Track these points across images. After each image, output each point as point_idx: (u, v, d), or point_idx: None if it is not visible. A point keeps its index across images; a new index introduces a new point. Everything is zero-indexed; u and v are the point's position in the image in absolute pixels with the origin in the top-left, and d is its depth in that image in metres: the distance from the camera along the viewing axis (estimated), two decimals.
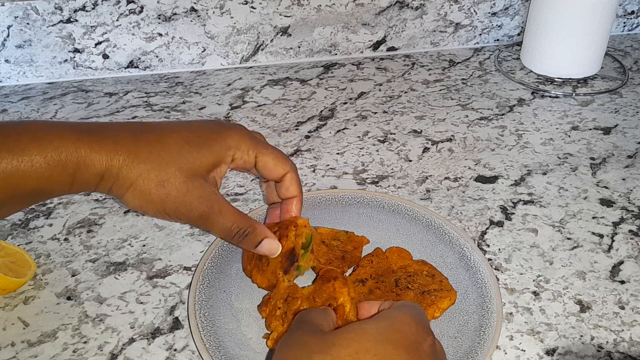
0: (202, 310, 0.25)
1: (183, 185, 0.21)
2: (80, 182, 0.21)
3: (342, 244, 0.29)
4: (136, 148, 0.21)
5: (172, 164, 0.21)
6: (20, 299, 0.27)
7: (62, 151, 0.20)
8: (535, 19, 0.46)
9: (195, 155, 0.22)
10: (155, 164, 0.21)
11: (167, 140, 0.22)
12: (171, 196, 0.21)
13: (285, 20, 0.47)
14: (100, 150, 0.20)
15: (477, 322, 0.25)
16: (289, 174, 0.25)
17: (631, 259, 0.30)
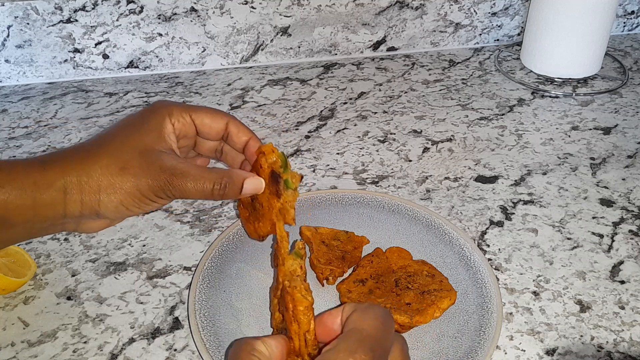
0: (202, 310, 0.25)
1: (143, 162, 0.21)
2: (43, 203, 0.20)
3: (342, 244, 0.29)
4: (85, 152, 0.21)
5: (124, 149, 0.21)
6: (20, 299, 0.27)
7: (17, 177, 0.20)
8: (535, 19, 0.46)
9: (140, 132, 0.22)
10: (109, 156, 0.21)
11: (108, 136, 0.22)
12: (139, 176, 0.21)
13: (285, 20, 0.47)
14: (53, 167, 0.20)
15: (477, 322, 0.25)
16: (231, 122, 0.24)
17: (631, 259, 0.30)
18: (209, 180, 0.21)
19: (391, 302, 0.25)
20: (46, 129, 0.41)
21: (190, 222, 0.32)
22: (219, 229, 0.31)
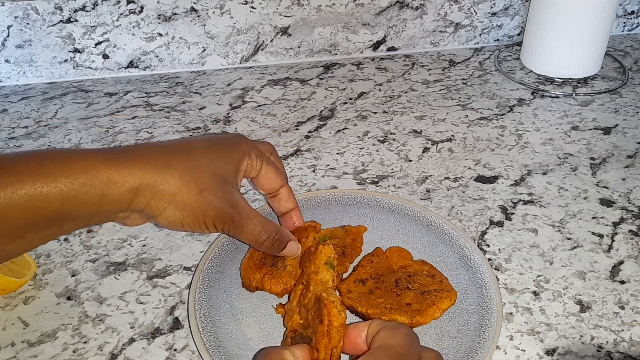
0: (202, 310, 0.25)
1: (220, 191, 0.22)
2: (110, 200, 0.19)
3: (341, 239, 0.28)
4: (167, 160, 0.21)
5: (207, 172, 0.22)
6: (20, 299, 0.27)
7: (89, 171, 0.19)
8: (535, 19, 0.46)
9: (222, 162, 0.22)
10: (191, 173, 0.21)
11: (195, 150, 0.22)
12: (211, 203, 0.21)
13: (285, 20, 0.47)
14: (131, 166, 0.20)
15: (477, 322, 0.25)
16: (285, 187, 0.26)
17: (631, 259, 0.30)
18: (265, 232, 0.23)
19: (391, 303, 0.25)
20: (46, 129, 0.41)
21: None
22: None
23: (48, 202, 0.19)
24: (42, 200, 0.18)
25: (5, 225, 0.18)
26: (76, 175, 0.19)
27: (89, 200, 0.19)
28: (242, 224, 0.23)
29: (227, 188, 0.22)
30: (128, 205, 0.20)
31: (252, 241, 0.24)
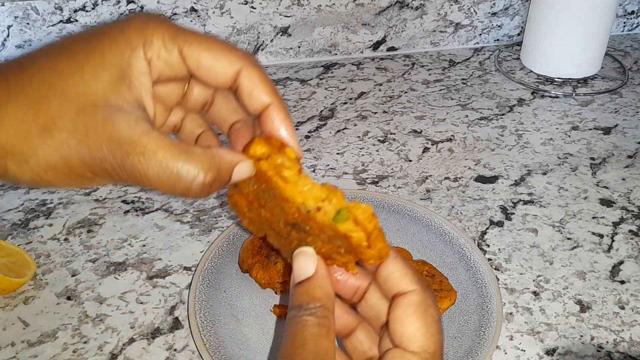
0: (202, 310, 0.25)
1: (79, 123, 0.13)
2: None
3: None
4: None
5: (52, 96, 0.13)
6: (20, 299, 0.27)
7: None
8: (535, 19, 0.46)
9: (84, 73, 0.13)
10: (26, 104, 0.13)
11: (39, 64, 0.13)
12: (69, 145, 0.13)
13: (285, 20, 0.47)
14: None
15: (477, 322, 0.25)
16: (245, 70, 0.14)
17: (631, 259, 0.30)
18: (187, 173, 0.13)
19: None
20: None
21: (190, 222, 0.32)
22: (219, 229, 0.31)
23: None
24: None
25: None
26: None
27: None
28: (137, 169, 0.13)
29: (98, 115, 0.13)
30: None
31: (167, 190, 0.14)
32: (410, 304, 0.15)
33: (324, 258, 0.16)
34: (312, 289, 0.15)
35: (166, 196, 0.34)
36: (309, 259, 0.15)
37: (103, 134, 0.13)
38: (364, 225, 0.15)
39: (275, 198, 0.15)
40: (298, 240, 0.16)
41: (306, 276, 0.15)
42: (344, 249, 0.15)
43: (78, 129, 0.13)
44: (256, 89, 0.15)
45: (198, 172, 0.14)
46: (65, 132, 0.13)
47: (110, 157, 0.13)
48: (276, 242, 0.17)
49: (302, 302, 0.15)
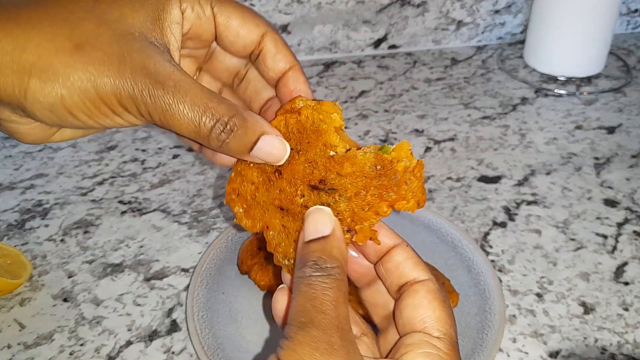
0: (201, 313, 0.25)
1: (117, 47, 0.12)
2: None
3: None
4: (27, 10, 0.12)
5: (91, 19, 0.12)
6: (17, 300, 0.27)
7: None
8: (538, 17, 0.45)
9: (121, 7, 0.13)
10: (61, 23, 0.12)
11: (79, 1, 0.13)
12: (104, 66, 0.12)
13: (285, 17, 0.47)
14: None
15: (479, 324, 0.25)
16: (269, 34, 0.15)
17: (635, 260, 0.29)
18: (212, 110, 0.13)
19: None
20: None
21: (188, 223, 0.32)
22: (217, 230, 0.31)
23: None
24: None
25: None
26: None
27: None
28: (167, 100, 0.13)
29: (136, 44, 0.13)
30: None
31: (190, 130, 0.13)
32: (431, 290, 0.15)
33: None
34: (329, 248, 0.14)
35: (164, 195, 0.34)
36: (326, 216, 0.14)
37: (138, 61, 0.13)
38: (409, 158, 0.14)
39: (306, 150, 0.14)
40: None
41: (321, 234, 0.14)
42: (372, 202, 0.14)
43: (113, 51, 0.13)
44: (280, 53, 0.16)
45: (225, 115, 0.13)
46: (101, 52, 0.13)
47: (143, 85, 0.13)
48: (279, 228, 0.15)
49: (319, 259, 0.13)
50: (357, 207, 0.15)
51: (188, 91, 0.13)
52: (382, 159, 0.14)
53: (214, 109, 0.13)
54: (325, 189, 0.14)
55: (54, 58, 0.12)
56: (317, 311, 0.13)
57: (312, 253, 0.14)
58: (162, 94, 0.13)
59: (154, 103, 0.13)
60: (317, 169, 0.14)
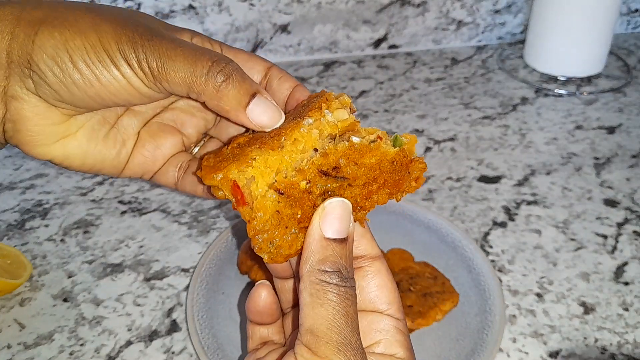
0: (201, 313, 0.25)
1: (122, 12, 0.15)
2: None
3: None
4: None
5: (106, 12, 0.15)
6: (16, 300, 0.27)
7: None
8: (538, 17, 0.45)
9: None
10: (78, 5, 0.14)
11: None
12: (106, 19, 0.14)
13: (284, 17, 0.47)
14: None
15: (479, 324, 0.25)
16: (274, 67, 0.17)
17: (635, 260, 0.29)
18: (210, 53, 0.14)
19: None
20: None
21: (188, 223, 0.32)
22: (217, 230, 0.31)
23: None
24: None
25: None
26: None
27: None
28: (163, 46, 0.14)
29: (141, 17, 0.15)
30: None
31: (188, 72, 0.14)
32: (388, 269, 0.16)
33: None
34: (348, 254, 0.14)
35: (164, 195, 0.34)
36: (348, 215, 0.14)
37: (140, 22, 0.15)
38: (412, 153, 0.15)
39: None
40: (323, 199, 0.14)
41: (341, 236, 0.14)
42: (376, 192, 0.15)
43: (118, 13, 0.15)
44: (284, 76, 0.17)
45: (223, 59, 0.14)
46: (106, 12, 0.15)
47: (142, 32, 0.14)
48: (270, 212, 0.14)
49: (342, 268, 0.14)
50: (361, 196, 0.15)
51: (187, 42, 0.15)
52: (404, 156, 0.15)
53: (211, 52, 0.14)
54: (334, 176, 0.14)
55: (67, 13, 0.14)
56: (346, 323, 0.13)
57: (335, 257, 0.14)
58: (160, 39, 0.14)
59: (152, 48, 0.14)
60: (334, 155, 0.14)
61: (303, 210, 0.14)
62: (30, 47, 0.14)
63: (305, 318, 0.13)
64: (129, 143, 0.17)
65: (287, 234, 0.15)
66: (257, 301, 0.16)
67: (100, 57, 0.14)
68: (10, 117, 0.15)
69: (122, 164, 0.17)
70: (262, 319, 0.17)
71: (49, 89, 0.15)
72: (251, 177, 0.14)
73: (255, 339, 0.17)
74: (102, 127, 0.17)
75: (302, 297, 0.14)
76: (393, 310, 0.15)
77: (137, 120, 0.17)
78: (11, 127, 0.15)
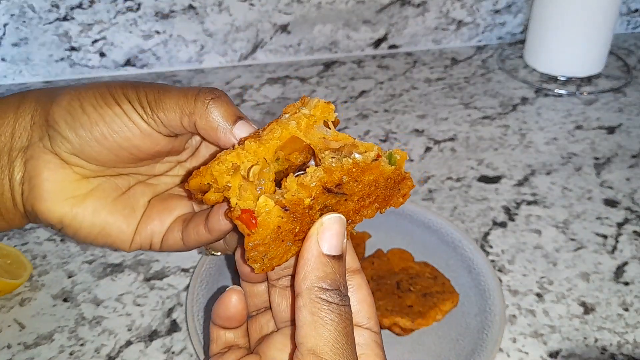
0: (201, 313, 0.25)
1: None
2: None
3: None
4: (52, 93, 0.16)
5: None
6: (17, 300, 0.27)
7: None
8: (538, 17, 0.45)
9: None
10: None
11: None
12: (113, 83, 0.16)
13: (284, 17, 0.47)
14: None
15: (479, 324, 0.25)
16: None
17: (635, 260, 0.29)
18: (197, 88, 0.16)
19: (392, 305, 0.25)
20: None
21: None
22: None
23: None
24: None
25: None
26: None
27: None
28: (160, 88, 0.16)
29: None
30: (14, 121, 0.16)
31: (179, 101, 0.16)
32: (367, 284, 0.16)
33: None
34: (343, 271, 0.14)
35: None
36: (343, 231, 0.15)
37: (137, 85, 0.17)
38: (404, 160, 0.15)
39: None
40: (321, 214, 0.15)
41: (337, 253, 0.14)
42: (367, 206, 0.15)
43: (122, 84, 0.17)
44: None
45: (204, 89, 0.16)
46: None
47: (139, 85, 0.16)
48: (272, 227, 0.14)
49: (340, 286, 0.14)
50: (353, 211, 0.15)
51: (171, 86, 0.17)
52: (398, 174, 0.15)
53: (194, 87, 0.16)
54: (335, 192, 0.15)
55: (74, 88, 0.16)
56: (348, 342, 0.13)
57: (334, 274, 0.14)
58: (155, 86, 0.16)
59: (150, 86, 0.16)
60: (339, 172, 0.14)
61: (301, 225, 0.15)
62: (49, 106, 0.16)
63: (307, 338, 0.13)
64: (138, 210, 0.18)
65: (282, 246, 0.15)
66: (227, 306, 0.17)
67: (106, 100, 0.16)
68: (28, 176, 0.16)
69: (131, 228, 0.17)
70: (229, 323, 0.17)
71: (61, 139, 0.16)
72: (231, 165, 0.14)
73: (219, 343, 0.17)
74: (113, 192, 0.17)
75: (302, 315, 0.14)
76: (372, 324, 0.16)
77: (149, 190, 0.18)
78: (27, 187, 0.16)
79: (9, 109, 0.16)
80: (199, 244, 0.18)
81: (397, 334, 0.24)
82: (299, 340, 0.14)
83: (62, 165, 0.16)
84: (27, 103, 0.16)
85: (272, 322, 0.17)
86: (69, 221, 0.16)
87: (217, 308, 0.17)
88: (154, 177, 0.18)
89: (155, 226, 0.18)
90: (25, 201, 0.16)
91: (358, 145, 0.15)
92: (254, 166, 0.14)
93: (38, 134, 0.16)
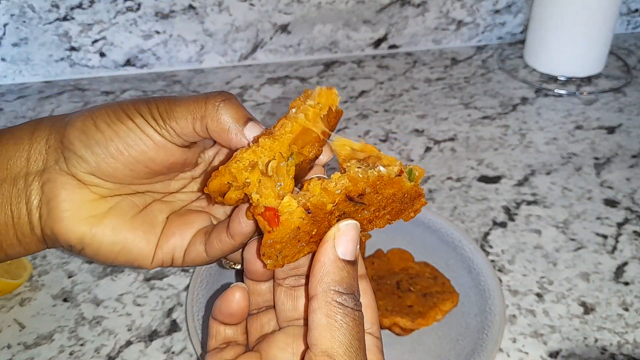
0: (201, 313, 0.25)
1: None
2: (6, 140, 0.16)
3: None
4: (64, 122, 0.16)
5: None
6: (17, 300, 0.27)
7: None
8: (538, 17, 0.45)
9: None
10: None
11: None
12: (124, 101, 0.16)
13: (284, 17, 0.47)
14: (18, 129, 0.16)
15: (479, 324, 0.25)
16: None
17: (635, 260, 0.29)
18: (203, 94, 0.17)
19: (392, 305, 0.25)
20: None
21: None
22: None
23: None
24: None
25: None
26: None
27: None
28: (170, 100, 0.16)
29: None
30: (30, 143, 0.16)
31: (194, 107, 0.16)
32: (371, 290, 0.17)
33: None
34: (357, 277, 0.15)
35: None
36: (358, 236, 0.15)
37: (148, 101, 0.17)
38: (421, 177, 0.16)
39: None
40: (338, 220, 0.15)
41: (351, 258, 0.15)
42: (380, 216, 0.16)
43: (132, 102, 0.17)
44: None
45: (212, 93, 0.16)
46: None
47: (150, 99, 0.16)
48: (293, 227, 0.14)
49: (355, 291, 0.14)
50: (367, 220, 0.16)
51: (181, 97, 0.17)
52: (415, 190, 0.16)
53: (203, 94, 0.16)
54: (356, 201, 0.15)
55: (85, 111, 0.17)
56: (362, 347, 0.14)
57: (350, 279, 0.14)
58: (166, 99, 0.17)
59: (161, 99, 0.16)
60: (364, 182, 0.15)
61: (318, 228, 0.15)
62: (64, 128, 0.16)
63: (321, 339, 0.14)
64: (157, 226, 0.18)
65: (297, 246, 0.15)
66: (230, 302, 0.17)
67: (119, 116, 0.16)
68: (45, 199, 0.16)
69: (151, 245, 0.17)
70: (230, 320, 0.17)
71: (77, 159, 0.16)
72: (248, 163, 0.15)
73: (219, 338, 0.17)
74: (131, 210, 0.17)
75: (317, 317, 0.14)
76: (374, 330, 0.16)
77: (166, 207, 0.18)
78: (45, 210, 0.16)
79: (23, 134, 0.16)
80: (222, 253, 0.18)
81: (397, 334, 0.24)
82: (312, 341, 0.14)
83: (79, 185, 0.16)
84: (41, 128, 0.17)
85: (274, 321, 0.18)
86: (89, 240, 0.16)
87: (220, 304, 0.17)
88: (170, 194, 0.18)
89: (177, 241, 0.18)
90: (43, 224, 0.16)
91: (382, 157, 0.16)
92: (272, 161, 0.15)
93: (54, 157, 0.16)
